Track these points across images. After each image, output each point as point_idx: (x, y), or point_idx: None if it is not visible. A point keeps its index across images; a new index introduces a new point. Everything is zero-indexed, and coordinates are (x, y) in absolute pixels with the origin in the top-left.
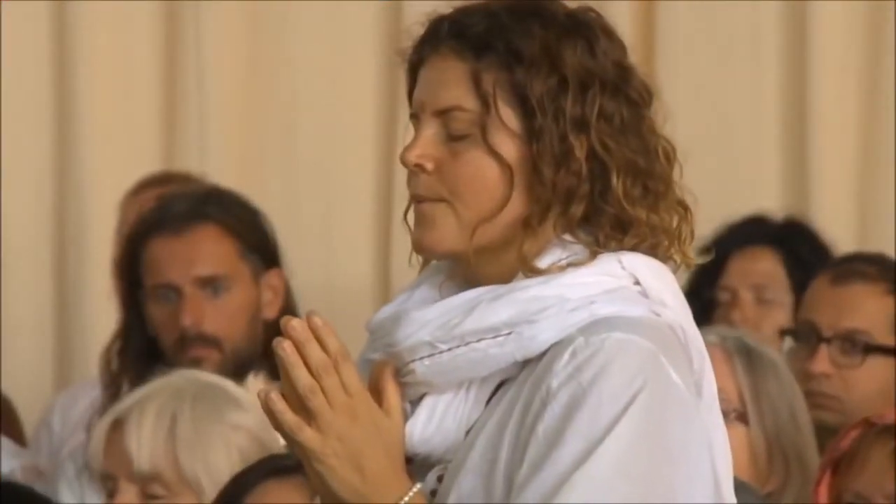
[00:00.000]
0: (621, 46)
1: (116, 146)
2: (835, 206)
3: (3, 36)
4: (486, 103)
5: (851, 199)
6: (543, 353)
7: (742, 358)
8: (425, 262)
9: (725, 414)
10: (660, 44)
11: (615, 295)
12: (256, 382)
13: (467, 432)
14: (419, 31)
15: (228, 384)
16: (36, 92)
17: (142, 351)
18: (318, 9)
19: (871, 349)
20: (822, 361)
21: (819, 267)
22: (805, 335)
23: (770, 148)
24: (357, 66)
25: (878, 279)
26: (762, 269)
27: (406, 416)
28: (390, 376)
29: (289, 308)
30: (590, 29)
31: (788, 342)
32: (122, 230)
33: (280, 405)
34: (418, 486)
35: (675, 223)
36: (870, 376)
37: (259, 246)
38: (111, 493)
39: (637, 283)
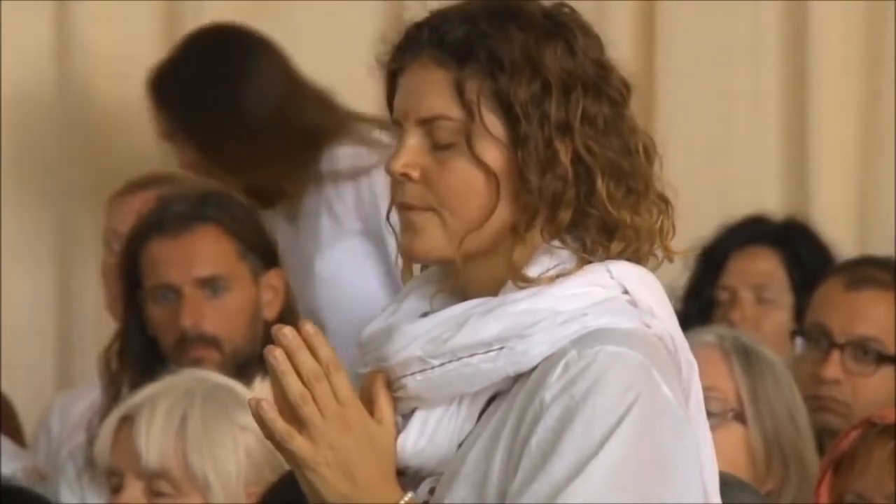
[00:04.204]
0: (598, 42)
1: (116, 146)
2: (835, 206)
3: (4, 36)
4: (470, 112)
5: (851, 199)
6: (535, 366)
7: (740, 358)
8: (407, 268)
9: (723, 414)
10: (660, 44)
11: (606, 306)
12: (263, 387)
13: (459, 445)
14: (396, 37)
15: (237, 385)
16: (36, 92)
17: (142, 351)
18: (318, 8)
19: (883, 358)
20: (834, 367)
21: (819, 267)
22: (816, 339)
23: (770, 148)
24: (357, 66)
25: (892, 286)
26: (762, 269)
27: (398, 430)
28: (383, 386)
29: (289, 308)
30: (568, 28)
31: (800, 343)
32: (110, 232)
33: (271, 413)
34: (410, 494)
35: (656, 219)
36: (880, 384)
37: (259, 246)
38: (116, 489)
39: (626, 292)
